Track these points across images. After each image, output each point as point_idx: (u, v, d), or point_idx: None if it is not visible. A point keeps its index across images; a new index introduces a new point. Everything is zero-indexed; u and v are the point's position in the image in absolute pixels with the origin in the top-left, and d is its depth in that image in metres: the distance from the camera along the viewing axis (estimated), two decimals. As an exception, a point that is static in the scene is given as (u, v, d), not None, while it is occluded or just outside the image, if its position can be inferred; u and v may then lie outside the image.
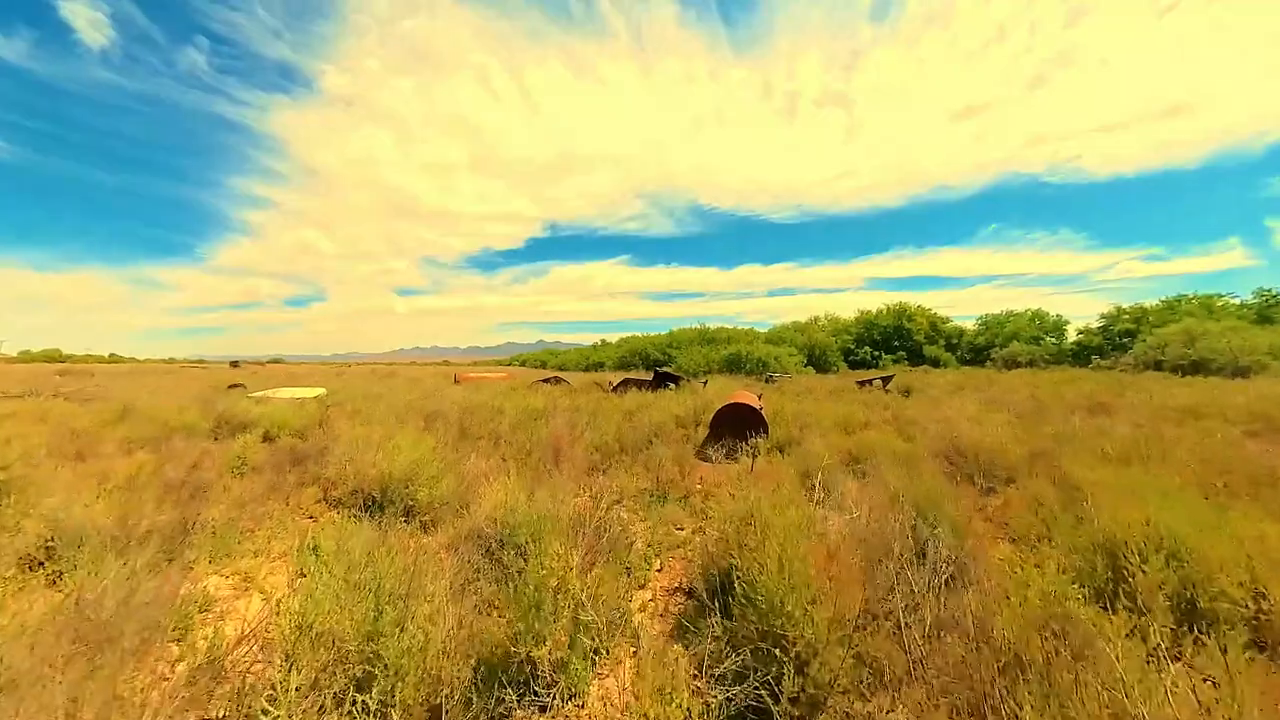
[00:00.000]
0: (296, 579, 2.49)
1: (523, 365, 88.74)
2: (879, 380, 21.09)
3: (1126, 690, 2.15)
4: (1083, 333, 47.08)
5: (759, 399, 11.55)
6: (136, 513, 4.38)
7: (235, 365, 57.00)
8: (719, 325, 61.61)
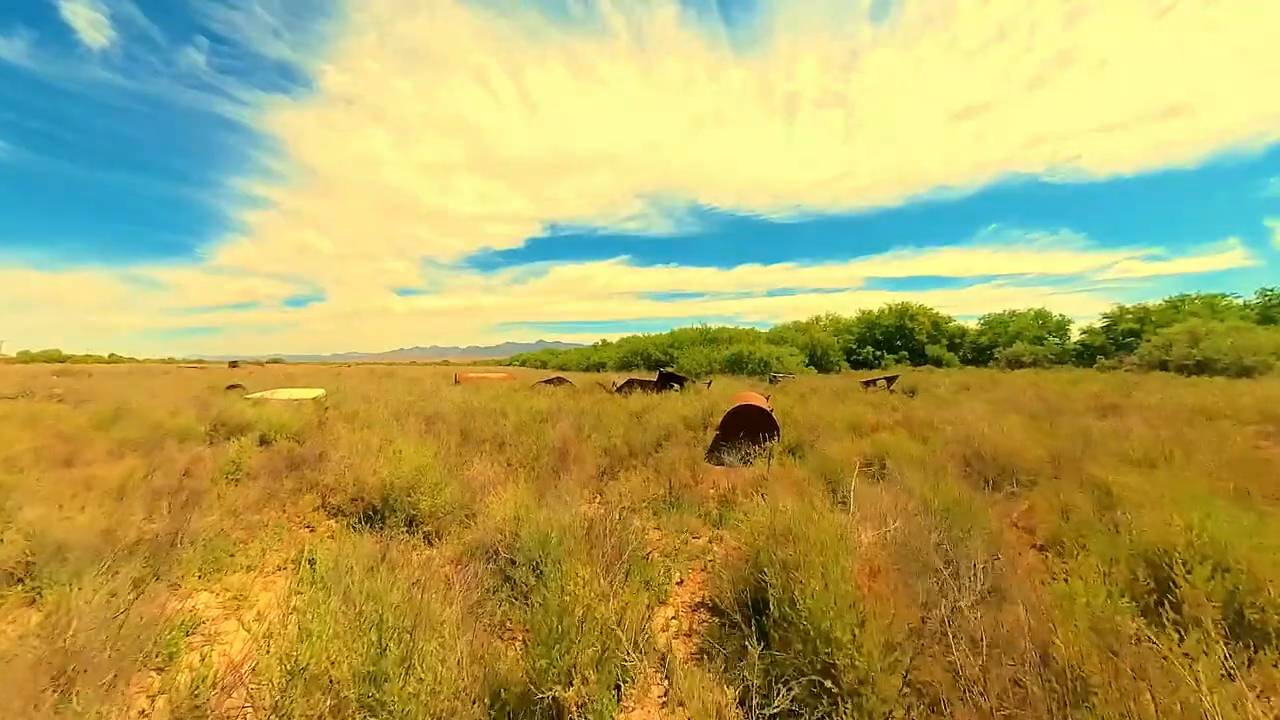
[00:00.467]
0: (290, 610, 2.25)
1: (523, 365, 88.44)
2: (884, 380, 20.87)
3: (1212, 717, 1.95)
4: (1086, 332, 46.85)
5: (767, 400, 11.33)
6: (124, 523, 4.15)
7: (234, 365, 56.66)
8: (720, 325, 61.31)
